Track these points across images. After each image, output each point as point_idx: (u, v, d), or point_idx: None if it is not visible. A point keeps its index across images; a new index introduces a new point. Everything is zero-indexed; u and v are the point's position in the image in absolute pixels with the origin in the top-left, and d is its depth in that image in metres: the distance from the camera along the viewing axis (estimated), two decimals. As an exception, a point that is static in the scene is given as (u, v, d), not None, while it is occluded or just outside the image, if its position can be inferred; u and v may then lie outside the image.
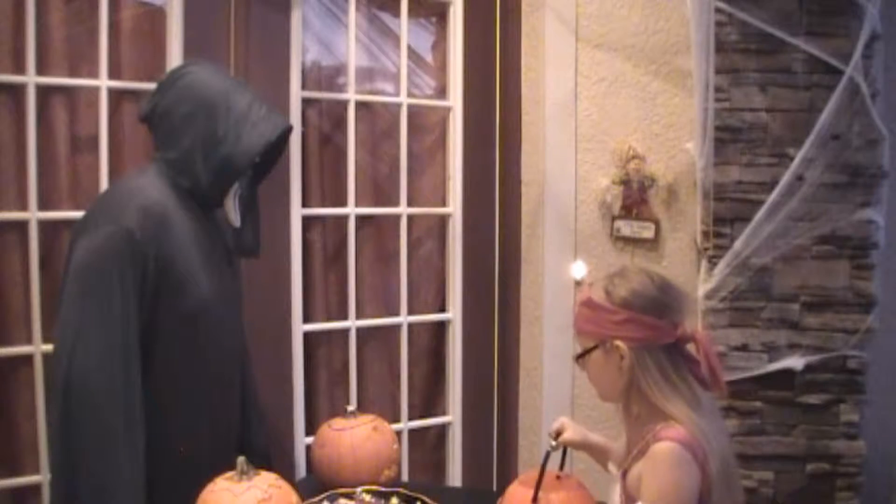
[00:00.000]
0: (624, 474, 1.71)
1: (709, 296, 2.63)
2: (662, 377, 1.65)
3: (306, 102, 2.66)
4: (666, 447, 1.58)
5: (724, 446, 1.67)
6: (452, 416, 2.93)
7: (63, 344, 1.74)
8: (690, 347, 1.71)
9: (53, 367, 1.77)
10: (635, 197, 2.80)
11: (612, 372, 1.69)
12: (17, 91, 2.26)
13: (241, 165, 1.94)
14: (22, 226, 2.27)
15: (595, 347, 1.70)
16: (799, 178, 2.57)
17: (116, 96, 2.39)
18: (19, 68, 2.25)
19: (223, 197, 2.02)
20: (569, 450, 1.98)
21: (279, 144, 2.13)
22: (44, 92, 2.30)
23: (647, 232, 2.81)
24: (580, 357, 1.74)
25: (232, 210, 2.05)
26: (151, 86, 2.39)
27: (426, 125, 2.94)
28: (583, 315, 1.73)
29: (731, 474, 1.67)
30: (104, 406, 1.72)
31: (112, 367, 1.73)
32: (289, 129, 2.12)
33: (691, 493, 1.58)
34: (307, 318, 2.68)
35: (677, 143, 2.80)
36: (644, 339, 1.65)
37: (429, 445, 2.99)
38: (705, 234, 2.65)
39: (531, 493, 1.83)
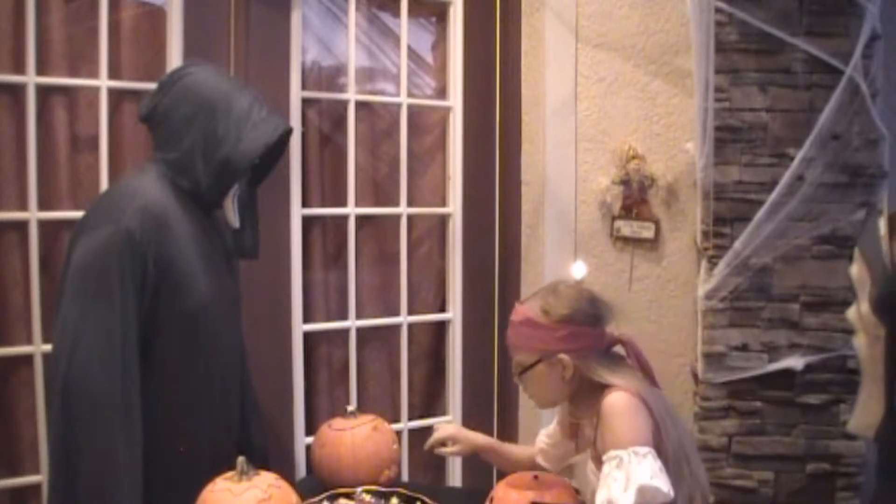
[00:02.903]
0: (594, 447, 1.80)
1: (709, 296, 2.63)
2: (608, 369, 1.81)
3: (306, 102, 2.66)
4: (615, 396, 1.74)
5: (680, 430, 1.80)
6: (452, 415, 2.93)
7: (62, 344, 1.73)
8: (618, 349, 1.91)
9: (52, 367, 1.77)
10: (635, 197, 2.80)
11: (555, 382, 1.85)
12: (17, 91, 2.26)
13: (240, 167, 1.94)
14: (22, 226, 2.27)
15: (538, 362, 1.84)
16: (799, 178, 2.57)
17: (116, 96, 2.39)
18: (19, 68, 2.25)
19: (222, 198, 2.02)
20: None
21: (279, 146, 2.13)
22: (44, 92, 2.30)
23: (647, 232, 2.81)
24: (523, 373, 1.87)
25: (231, 211, 2.05)
26: (151, 86, 2.40)
27: (426, 125, 2.94)
28: (521, 334, 1.87)
29: (689, 454, 1.79)
30: (104, 406, 1.72)
31: (112, 367, 1.73)
32: (289, 131, 2.12)
33: (647, 433, 1.70)
34: (307, 318, 2.68)
35: (677, 143, 2.80)
36: (584, 348, 1.82)
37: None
38: (705, 234, 2.65)
39: (520, 494, 1.85)
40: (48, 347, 2.04)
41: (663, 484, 1.63)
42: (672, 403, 1.89)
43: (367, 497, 2.07)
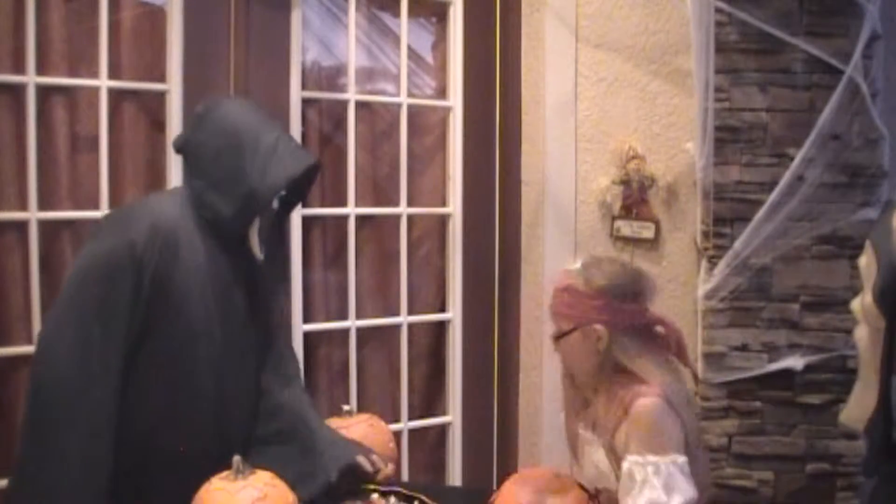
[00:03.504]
0: (611, 437, 1.81)
1: (709, 296, 2.62)
2: (637, 352, 1.81)
3: (306, 102, 2.66)
4: (646, 403, 1.74)
5: (692, 410, 1.84)
6: (452, 416, 2.93)
7: (41, 340, 1.76)
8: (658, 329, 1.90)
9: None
10: (635, 197, 2.79)
11: (588, 352, 1.85)
12: (17, 91, 2.26)
13: (264, 199, 1.93)
14: (22, 226, 2.28)
15: (574, 330, 1.84)
16: (799, 178, 2.57)
17: (116, 96, 2.40)
18: (19, 68, 2.26)
19: (245, 229, 2.01)
20: None
21: (305, 180, 2.11)
22: (44, 92, 2.30)
23: (647, 232, 2.80)
24: (559, 338, 1.88)
25: (256, 244, 2.04)
26: (151, 86, 2.42)
27: (426, 125, 2.94)
28: (562, 300, 1.87)
29: (700, 444, 1.83)
30: (67, 405, 1.72)
31: (82, 366, 1.72)
32: (315, 167, 2.10)
33: (679, 440, 1.73)
34: (307, 318, 2.68)
35: (677, 143, 2.80)
36: (619, 322, 1.82)
37: (429, 445, 2.99)
38: (705, 234, 2.65)
39: (526, 493, 1.84)
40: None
41: (694, 490, 1.70)
42: (686, 389, 1.89)
43: (376, 497, 2.06)
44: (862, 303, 1.23)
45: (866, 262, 1.23)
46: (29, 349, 2.27)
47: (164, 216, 1.86)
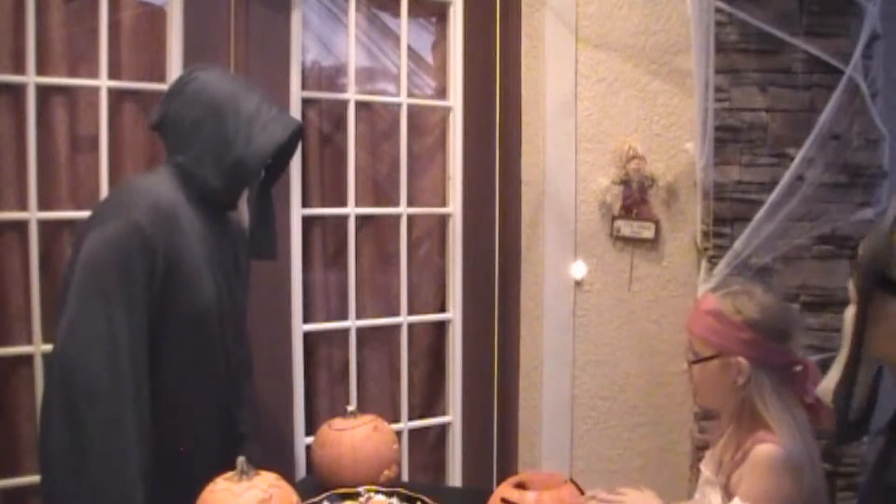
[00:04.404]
0: (726, 479, 1.78)
1: (709, 296, 2.62)
2: (775, 396, 1.75)
3: (306, 102, 2.66)
4: (768, 449, 1.69)
5: (818, 472, 1.77)
6: (452, 416, 2.93)
7: (65, 337, 1.73)
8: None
9: (53, 361, 1.76)
10: (635, 197, 2.80)
11: (725, 384, 1.78)
12: (17, 91, 2.26)
13: (252, 168, 1.93)
14: (22, 226, 2.27)
15: (714, 357, 1.78)
16: (799, 178, 2.57)
17: (116, 96, 2.39)
18: (19, 68, 2.25)
19: (236, 199, 2.01)
20: None
21: (290, 145, 2.12)
22: (44, 92, 2.30)
23: (647, 232, 2.81)
24: (696, 362, 1.82)
25: (245, 212, 2.05)
26: (151, 86, 2.42)
27: (426, 125, 2.94)
28: (706, 324, 1.81)
29: (821, 499, 1.78)
30: (108, 399, 1.71)
31: (116, 362, 1.71)
32: (299, 130, 2.10)
33: (788, 498, 1.67)
34: (307, 318, 2.68)
35: (677, 143, 2.80)
36: (764, 359, 1.75)
37: (429, 445, 2.99)
38: (705, 234, 2.65)
39: (520, 494, 1.85)
40: (48, 347, 2.04)
41: None
42: (816, 447, 1.81)
43: (381, 498, 2.06)
44: (853, 282, 1.26)
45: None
46: (29, 349, 2.27)
47: (161, 195, 1.86)
